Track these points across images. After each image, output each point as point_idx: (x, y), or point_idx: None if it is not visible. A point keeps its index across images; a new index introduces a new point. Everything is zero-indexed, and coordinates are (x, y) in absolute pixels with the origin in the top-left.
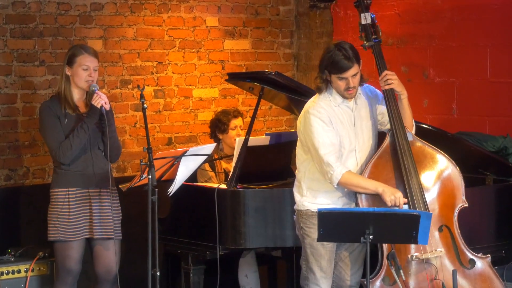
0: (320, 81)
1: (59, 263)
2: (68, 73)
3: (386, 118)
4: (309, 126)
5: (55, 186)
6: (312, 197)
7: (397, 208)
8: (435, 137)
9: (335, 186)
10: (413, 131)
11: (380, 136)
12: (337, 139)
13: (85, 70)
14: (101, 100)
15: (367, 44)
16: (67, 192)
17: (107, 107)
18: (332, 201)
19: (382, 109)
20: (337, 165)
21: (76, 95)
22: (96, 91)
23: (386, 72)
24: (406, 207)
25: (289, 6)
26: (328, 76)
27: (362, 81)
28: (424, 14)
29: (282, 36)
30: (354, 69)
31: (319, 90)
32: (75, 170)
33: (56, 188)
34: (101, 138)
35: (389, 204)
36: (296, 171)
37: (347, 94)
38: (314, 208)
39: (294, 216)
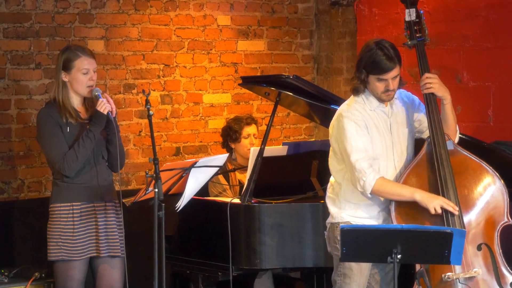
0: (357, 81)
1: (59, 285)
2: (65, 79)
3: (424, 125)
4: (342, 129)
5: (57, 200)
6: (352, 209)
7: (430, 226)
8: (470, 147)
9: (369, 194)
10: (457, 139)
11: (418, 144)
12: (371, 145)
13: (85, 74)
14: (107, 105)
15: (410, 42)
16: (71, 207)
17: (114, 112)
18: (371, 215)
19: (419, 116)
20: (370, 171)
21: (75, 101)
22: (101, 96)
23: (426, 74)
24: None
25: (308, 4)
26: (365, 76)
27: (400, 84)
28: (457, 12)
29: (300, 36)
30: (396, 71)
31: (356, 92)
32: (79, 182)
33: (58, 203)
34: (105, 146)
35: (433, 212)
36: (331, 183)
37: (384, 96)
38: (354, 221)
39: (326, 232)
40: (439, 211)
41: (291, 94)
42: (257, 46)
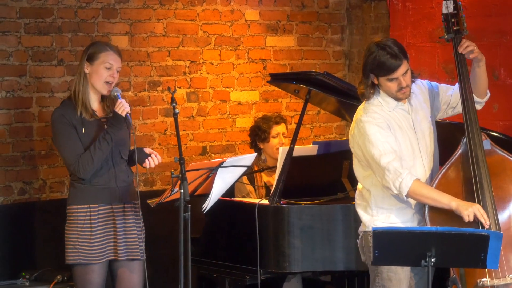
0: (363, 87)
1: None
2: (87, 70)
3: (454, 101)
4: (364, 135)
5: (74, 202)
6: (384, 215)
7: (466, 228)
8: (507, 146)
9: (405, 196)
10: (486, 99)
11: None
12: (398, 146)
13: (108, 69)
14: (125, 107)
15: (447, 36)
16: (89, 209)
17: (130, 111)
18: (405, 219)
19: (441, 96)
20: (406, 172)
21: (92, 98)
22: (120, 97)
23: (464, 40)
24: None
25: None
26: (375, 79)
27: (413, 77)
28: (494, 6)
29: (331, 31)
30: (404, 67)
31: (363, 97)
32: (97, 184)
33: (75, 205)
34: (126, 145)
35: (466, 219)
36: (359, 190)
37: (400, 94)
38: None
39: (358, 241)
40: (471, 218)
41: (321, 91)
42: (287, 42)
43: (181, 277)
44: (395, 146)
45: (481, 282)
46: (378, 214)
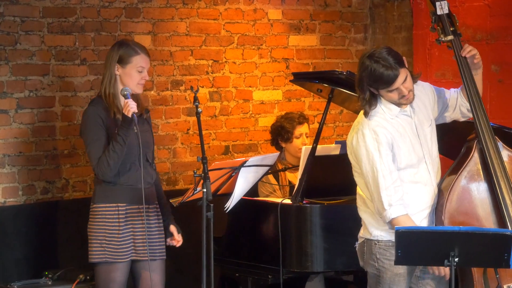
0: (363, 103)
1: (103, 287)
2: (117, 72)
3: (449, 104)
4: (363, 148)
5: (101, 200)
6: (392, 225)
7: (489, 228)
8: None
9: (386, 222)
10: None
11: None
12: (400, 157)
13: (140, 73)
14: (131, 107)
15: (444, 38)
16: (117, 208)
17: (136, 110)
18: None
19: (440, 99)
20: (394, 206)
21: (122, 98)
22: (129, 97)
23: (466, 44)
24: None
25: None
26: (375, 91)
27: (414, 79)
28: None
29: (354, 30)
30: (402, 76)
31: (365, 114)
32: (126, 184)
33: (103, 203)
34: (151, 147)
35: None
36: (361, 196)
37: (404, 101)
38: (393, 237)
39: (357, 245)
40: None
41: (344, 90)
42: (309, 41)
43: (204, 276)
44: (392, 166)
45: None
46: (383, 224)
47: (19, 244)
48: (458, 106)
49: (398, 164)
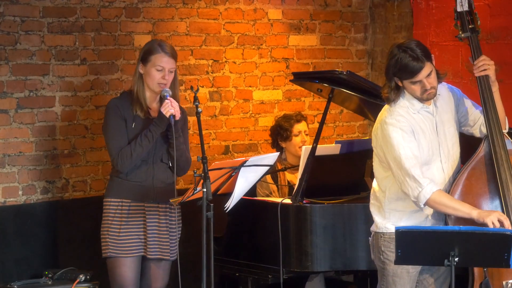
0: (388, 90)
1: (111, 282)
2: (141, 71)
3: (472, 118)
4: (388, 138)
5: (109, 195)
6: (397, 218)
7: (487, 227)
8: None
9: (422, 205)
10: (507, 128)
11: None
12: (419, 151)
13: (159, 71)
14: (170, 108)
15: (463, 35)
16: (121, 203)
17: (178, 116)
18: (418, 222)
19: (463, 109)
20: (426, 181)
21: (148, 96)
22: (168, 98)
23: (483, 56)
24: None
25: None
26: (399, 82)
27: (439, 78)
28: None
29: (354, 30)
30: (427, 69)
31: (388, 101)
32: (133, 180)
33: (109, 198)
34: (167, 150)
35: (491, 226)
36: (374, 190)
37: (426, 96)
38: None
39: (370, 238)
40: (498, 224)
41: (344, 90)
42: (309, 41)
43: (204, 276)
44: (416, 152)
45: (509, 284)
46: (390, 216)
47: (19, 244)
48: (479, 125)
49: None
